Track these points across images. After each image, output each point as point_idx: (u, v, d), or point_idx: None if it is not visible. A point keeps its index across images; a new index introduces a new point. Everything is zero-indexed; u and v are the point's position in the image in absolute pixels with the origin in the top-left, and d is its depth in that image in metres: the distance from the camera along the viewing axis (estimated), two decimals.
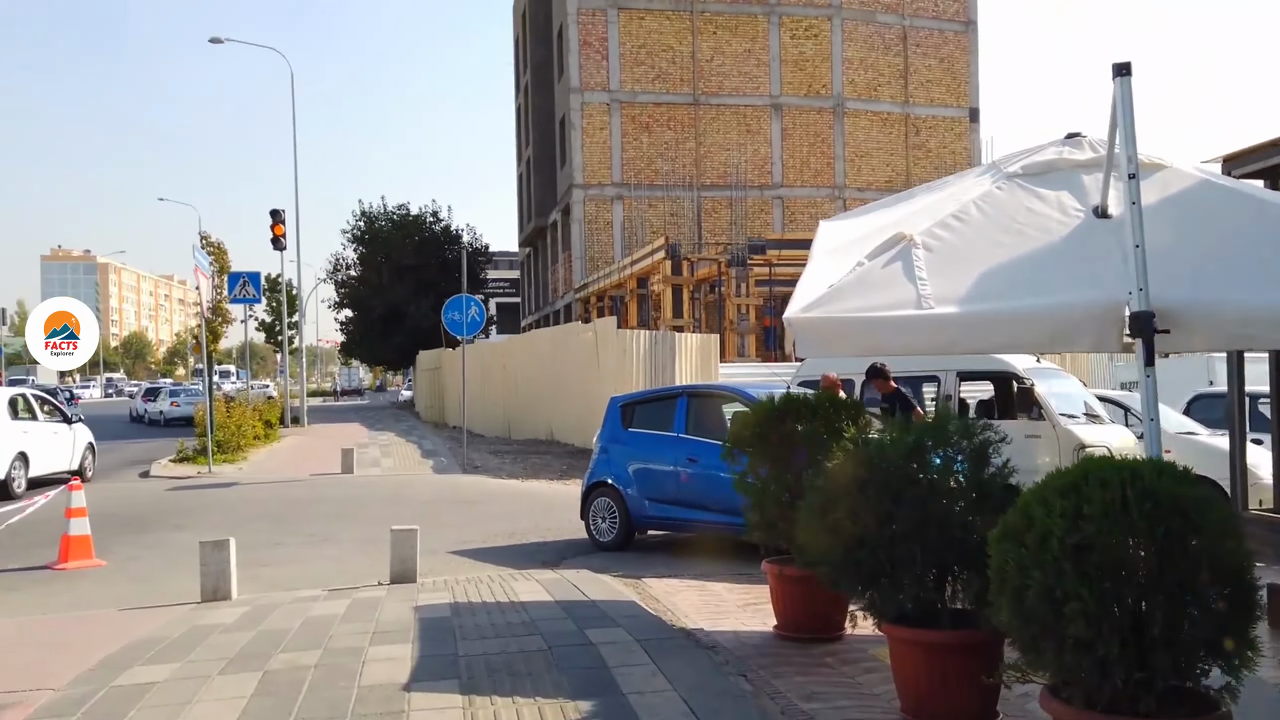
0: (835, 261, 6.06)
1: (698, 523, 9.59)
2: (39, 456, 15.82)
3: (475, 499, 14.51)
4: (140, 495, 15.28)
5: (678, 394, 10.13)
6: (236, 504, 13.93)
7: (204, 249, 19.44)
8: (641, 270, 27.84)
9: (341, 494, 15.04)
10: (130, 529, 11.69)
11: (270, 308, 41.79)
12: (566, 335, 21.96)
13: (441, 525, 11.86)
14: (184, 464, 19.08)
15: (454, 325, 18.08)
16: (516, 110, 56.03)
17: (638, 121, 39.88)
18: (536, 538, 11.13)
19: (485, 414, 27.24)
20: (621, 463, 10.26)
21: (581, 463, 19.51)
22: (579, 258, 39.32)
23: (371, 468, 18.69)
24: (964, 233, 5.61)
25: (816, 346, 5.27)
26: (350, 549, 10.33)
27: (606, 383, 19.26)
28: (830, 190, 41.52)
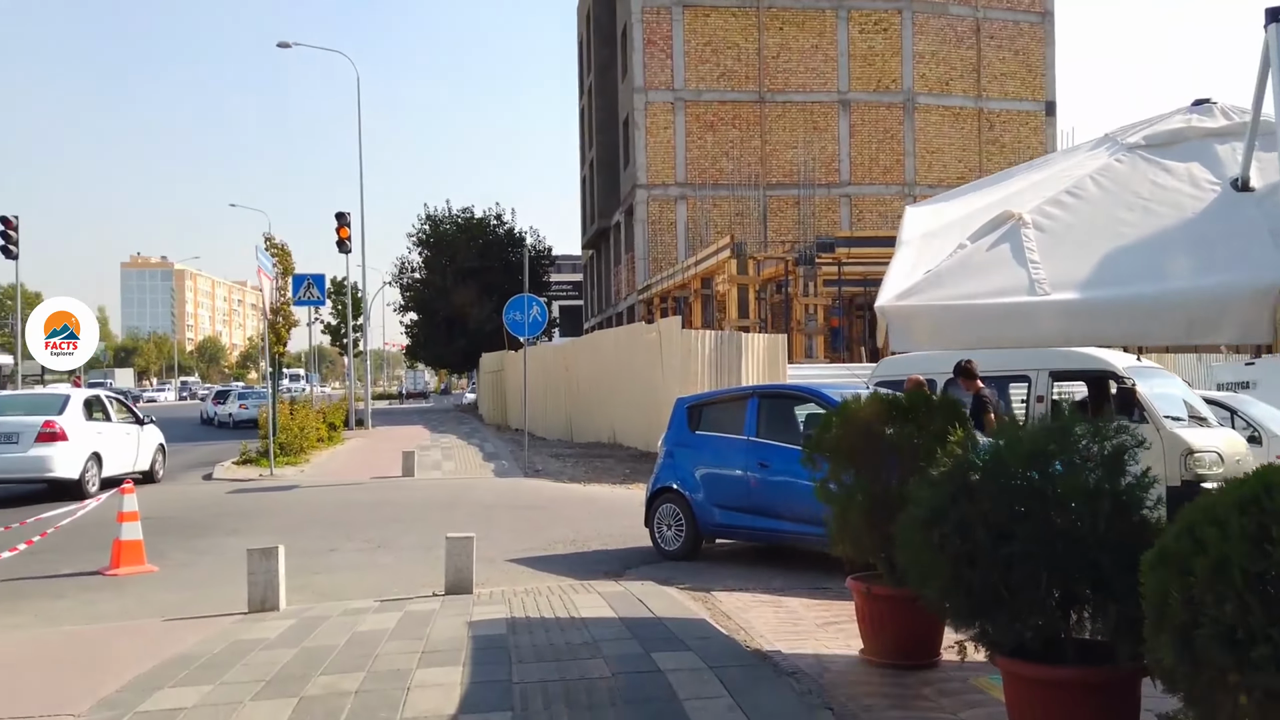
0: (930, 246, 5.44)
1: (770, 532, 9.00)
2: (112, 457, 15.83)
3: (536, 504, 14.08)
4: (201, 498, 15.16)
5: (748, 395, 9.54)
6: (294, 508, 13.69)
7: (267, 250, 19.36)
8: (706, 270, 27.25)
9: (401, 498, 14.73)
10: (187, 533, 11.48)
11: (335, 310, 42.07)
12: (630, 336, 21.48)
13: (501, 531, 11.44)
14: (246, 466, 19.01)
15: (515, 326, 17.71)
16: (580, 112, 55.85)
17: (702, 120, 39.31)
18: (599, 545, 10.63)
19: (547, 416, 26.90)
20: (688, 467, 9.71)
21: (644, 466, 19.00)
22: (642, 259, 38.87)
23: (432, 471, 18.40)
24: (1080, 210, 4.95)
25: (912, 338, 4.67)
26: (406, 556, 9.94)
27: (671, 384, 18.72)
28: (900, 188, 40.44)
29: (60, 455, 14.58)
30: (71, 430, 14.83)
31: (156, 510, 13.49)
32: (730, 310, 24.51)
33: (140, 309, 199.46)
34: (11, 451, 14.45)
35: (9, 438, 14.51)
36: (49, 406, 15.16)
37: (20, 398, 16.83)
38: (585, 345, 25.86)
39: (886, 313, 4.60)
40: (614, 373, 22.47)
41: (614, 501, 14.58)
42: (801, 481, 8.65)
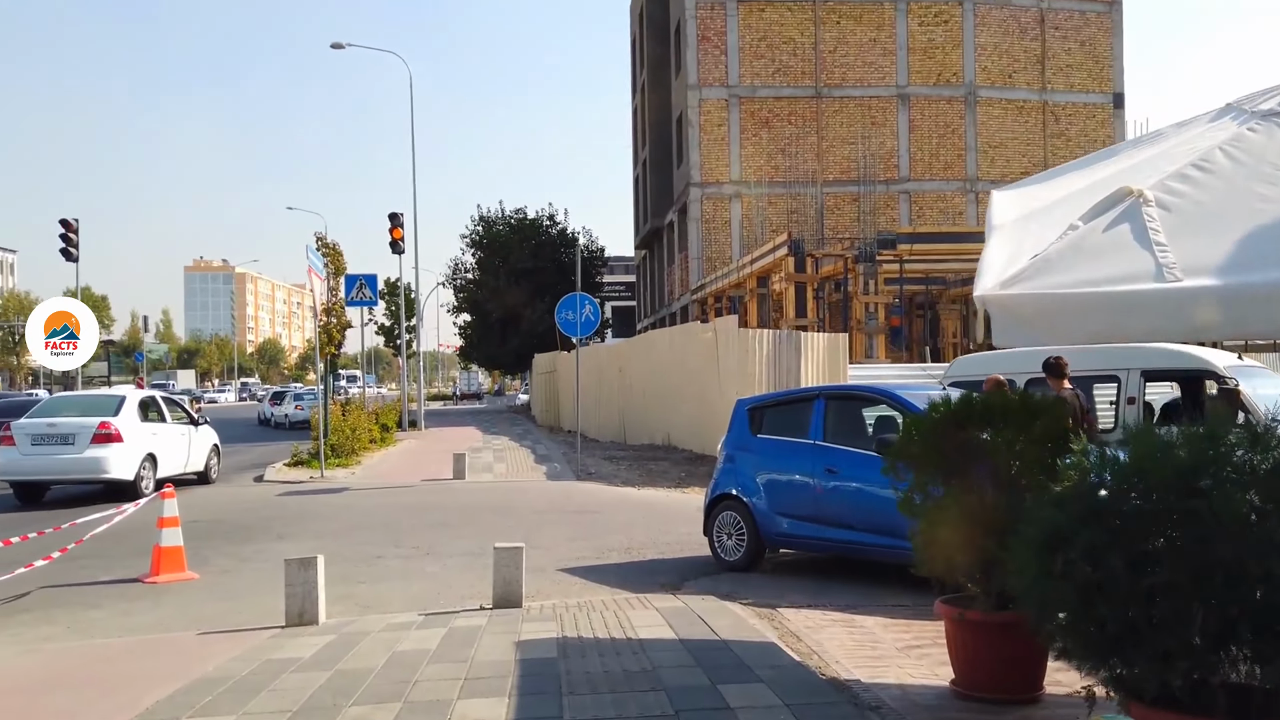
0: (1029, 230, 4.81)
1: (839, 543, 8.39)
2: (166, 458, 15.73)
3: (589, 508, 13.60)
4: (250, 500, 14.95)
5: (813, 396, 8.94)
6: (342, 512, 13.38)
7: (318, 251, 19.17)
8: (762, 268, 26.59)
9: (451, 502, 14.36)
10: (233, 538, 11.19)
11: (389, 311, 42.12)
12: (685, 336, 20.94)
13: (552, 538, 10.98)
14: (298, 468, 18.83)
15: (567, 325, 17.27)
16: (633, 111, 55.44)
17: (757, 117, 38.63)
18: (654, 554, 10.11)
19: (600, 418, 26.46)
20: (749, 473, 9.14)
21: (700, 470, 18.45)
22: (696, 258, 38.30)
23: (484, 473, 18.04)
24: (1211, 185, 4.31)
25: (1019, 331, 4.07)
26: (454, 565, 9.51)
27: (727, 385, 18.14)
28: (961, 183, 39.38)
29: (115, 456, 14.48)
30: (126, 431, 14.73)
31: (205, 513, 13.30)
32: (787, 309, 23.84)
33: (203, 312, 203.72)
34: (68, 453, 14.39)
35: (65, 439, 14.44)
36: (105, 408, 15.08)
37: (77, 399, 16.82)
38: (639, 345, 25.37)
39: (989, 303, 4.01)
40: (668, 373, 21.94)
41: (669, 507, 14.06)
42: (873, 489, 8.08)
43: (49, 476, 14.64)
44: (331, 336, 20.01)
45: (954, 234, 26.52)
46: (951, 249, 24.96)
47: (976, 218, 38.66)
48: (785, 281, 23.73)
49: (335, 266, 19.97)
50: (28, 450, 14.34)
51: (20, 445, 14.36)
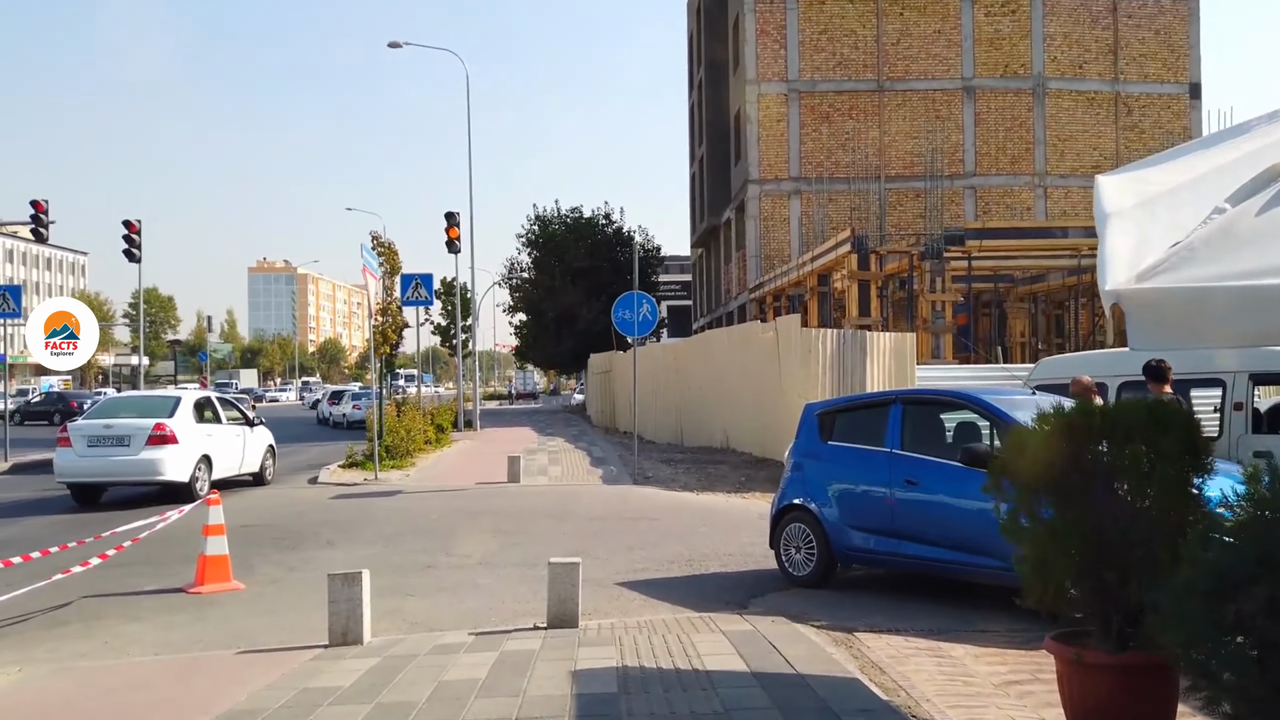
0: (1157, 215, 4.18)
1: (918, 560, 7.77)
2: (221, 459, 15.60)
3: (647, 514, 13.11)
4: (303, 503, 14.72)
5: (889, 401, 8.33)
6: (395, 516, 13.06)
7: (374, 250, 18.96)
8: (823, 266, 25.88)
9: (505, 506, 13.97)
10: (282, 545, 10.90)
11: (445, 311, 42.10)
12: (744, 335, 20.35)
13: (610, 546, 10.51)
14: (352, 469, 18.63)
15: (624, 324, 16.79)
16: (690, 109, 54.88)
17: (817, 112, 37.82)
18: (718, 565, 9.58)
19: (656, 419, 25.97)
20: (820, 483, 8.56)
21: (760, 474, 17.86)
22: (753, 256, 37.64)
23: (538, 476, 17.65)
24: None
25: (1165, 331, 3.47)
26: (508, 575, 9.08)
27: (789, 387, 17.53)
28: (1030, 178, 38.17)
29: (170, 458, 14.36)
30: (182, 433, 14.60)
31: (257, 517, 13.07)
32: (850, 308, 23.10)
33: (266, 312, 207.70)
34: (123, 454, 14.29)
35: (120, 440, 14.35)
36: (160, 409, 14.97)
37: (132, 400, 16.79)
38: (696, 345, 24.82)
39: (1126, 299, 3.43)
40: (726, 374, 21.37)
41: (730, 513, 13.52)
42: (957, 503, 7.46)
43: (104, 478, 14.56)
44: (387, 336, 19.79)
45: (1025, 229, 25.56)
46: (1021, 245, 24.01)
47: (1045, 213, 37.41)
48: (848, 279, 23.00)
49: (390, 265, 19.74)
50: (84, 452, 14.28)
51: (76, 447, 14.30)
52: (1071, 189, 38.27)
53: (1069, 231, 23.44)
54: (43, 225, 30.10)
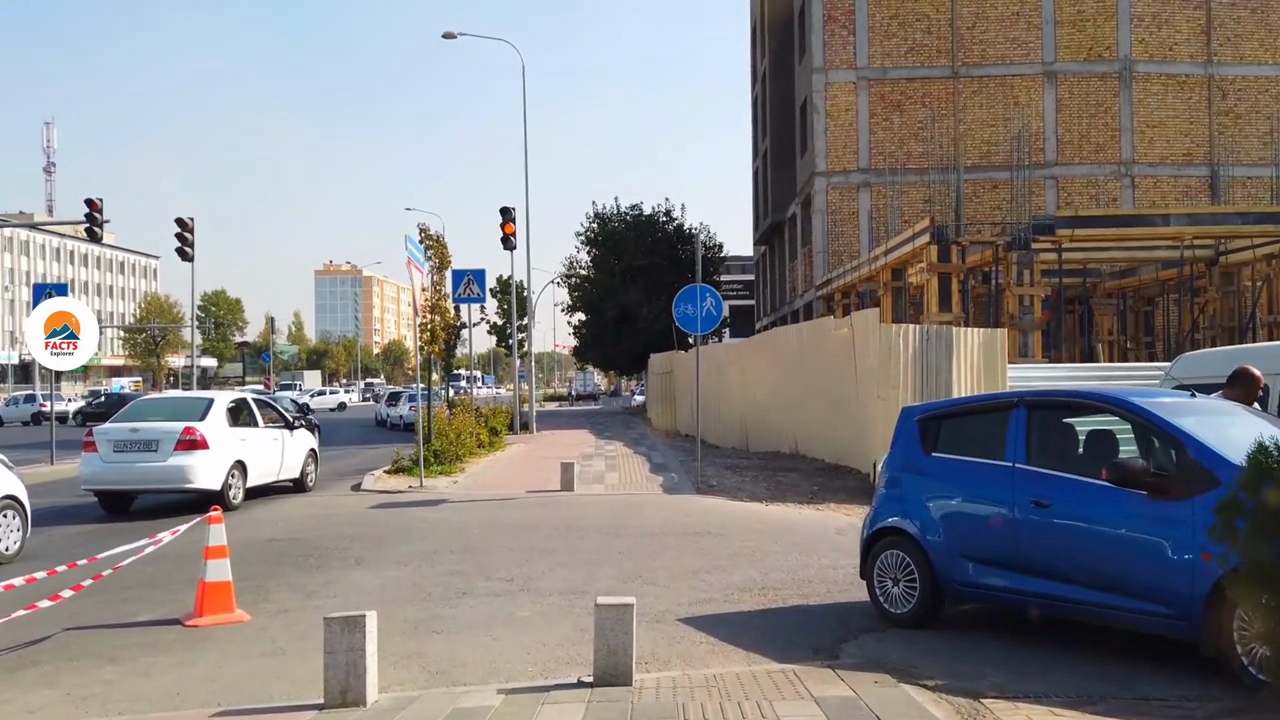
0: None
1: (1049, 599, 6.32)
2: (257, 465, 14.67)
3: (711, 529, 11.78)
4: (339, 513, 13.67)
5: (1010, 403, 6.86)
6: (435, 529, 11.91)
7: (421, 244, 17.91)
8: (898, 259, 24.28)
9: (556, 518, 12.75)
10: (305, 563, 9.80)
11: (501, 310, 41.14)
12: (816, 332, 18.88)
13: (670, 570, 9.21)
14: (398, 475, 17.61)
15: (686, 320, 15.49)
16: (752, 101, 53.37)
17: (887, 100, 36.11)
18: (796, 596, 8.22)
19: (720, 423, 24.60)
20: (923, 502, 7.15)
21: (834, 482, 16.40)
22: (820, 252, 36.05)
23: (594, 485, 16.41)
24: None
25: None
26: (552, 607, 7.83)
27: (866, 389, 16.06)
28: (1115, 167, 35.99)
29: (201, 464, 13.43)
30: (213, 437, 13.67)
31: (285, 529, 12.04)
32: (929, 303, 21.48)
33: (332, 314, 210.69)
34: (151, 460, 13.40)
35: (148, 445, 13.46)
36: (191, 411, 14.06)
37: (163, 402, 15.96)
38: (763, 344, 23.39)
39: None
40: (795, 375, 19.93)
41: (804, 529, 12.16)
42: (1102, 529, 6.02)
43: (131, 486, 13.68)
44: (435, 334, 18.74)
45: (1122, 217, 23.64)
46: (1118, 234, 22.13)
47: (1133, 203, 35.15)
48: (927, 272, 21.39)
49: (440, 260, 18.68)
50: (110, 458, 13.41)
51: (102, 452, 13.45)
52: (1161, 178, 36.01)
53: (1170, 219, 21.52)
54: (96, 224, 29.89)
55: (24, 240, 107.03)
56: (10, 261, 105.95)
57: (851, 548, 10.88)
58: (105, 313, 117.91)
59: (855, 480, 16.17)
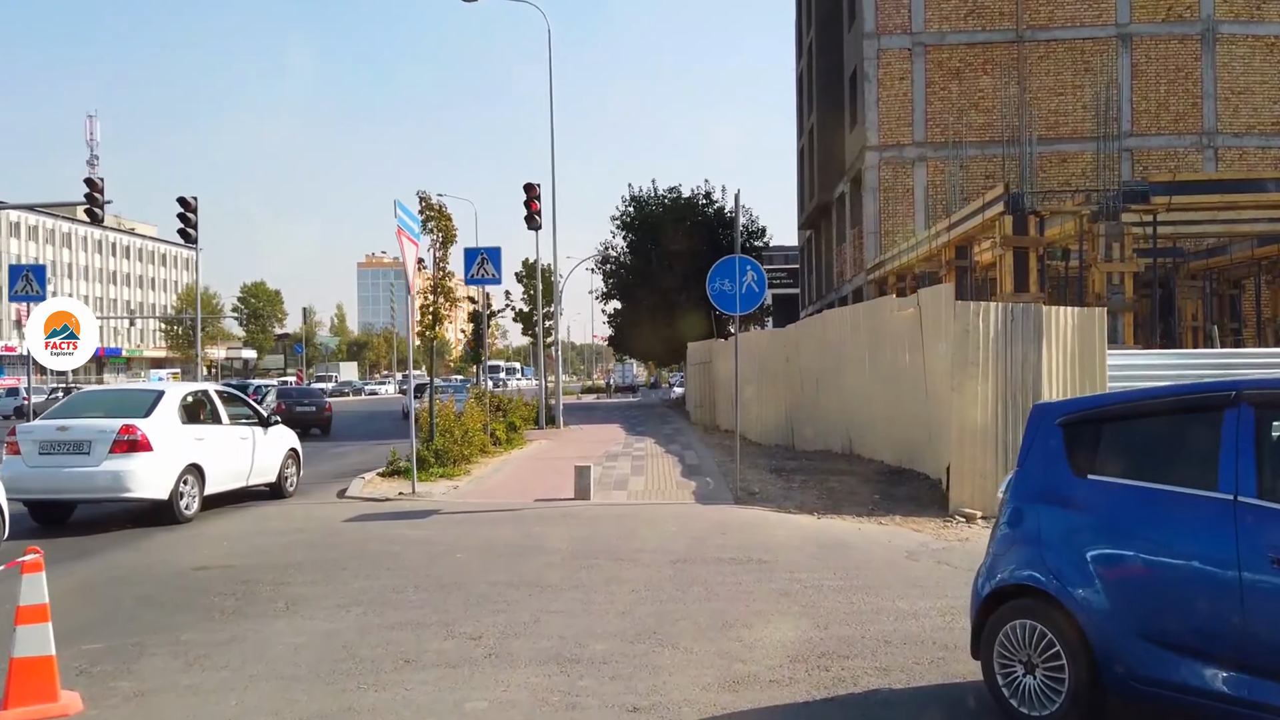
0: None
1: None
2: (219, 469, 12.50)
3: (752, 554, 9.38)
4: (304, 529, 11.43)
5: (1223, 399, 4.36)
6: (407, 554, 9.62)
7: (420, 213, 15.63)
8: (964, 235, 21.61)
9: (561, 537, 10.40)
10: (220, 606, 7.54)
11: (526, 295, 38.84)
12: (875, 314, 16.33)
13: (696, 620, 6.85)
14: (393, 479, 15.40)
15: (722, 298, 13.06)
16: (798, 77, 50.58)
17: (945, 67, 33.28)
18: (872, 671, 5.80)
19: (762, 417, 22.12)
20: (1074, 549, 4.68)
21: (898, 489, 13.91)
22: (872, 233, 33.34)
23: (615, 491, 14.05)
24: None
25: None
26: (524, 684, 5.48)
27: (936, 379, 13.54)
28: (1196, 138, 32.85)
29: (142, 470, 11.27)
30: (159, 437, 11.50)
31: (225, 552, 9.82)
32: (1003, 282, 18.81)
33: (374, 306, 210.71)
34: (82, 465, 11.24)
35: (79, 447, 11.30)
36: (134, 407, 11.90)
37: (105, 395, 13.91)
38: (811, 329, 20.84)
39: None
40: (850, 363, 17.41)
41: (867, 551, 9.74)
42: None
43: (58, 495, 11.47)
44: (439, 317, 16.46)
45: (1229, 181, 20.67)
46: (1222, 201, 19.24)
47: None
48: (1000, 247, 18.69)
49: (444, 234, 16.37)
50: (35, 461, 11.27)
51: (26, 454, 11.31)
52: (1248, 149, 32.80)
53: None
54: (97, 205, 28.12)
55: (65, 232, 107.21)
56: (53, 253, 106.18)
57: (931, 580, 8.45)
58: (146, 304, 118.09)
59: (923, 487, 13.68)
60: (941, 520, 11.95)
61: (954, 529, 11.59)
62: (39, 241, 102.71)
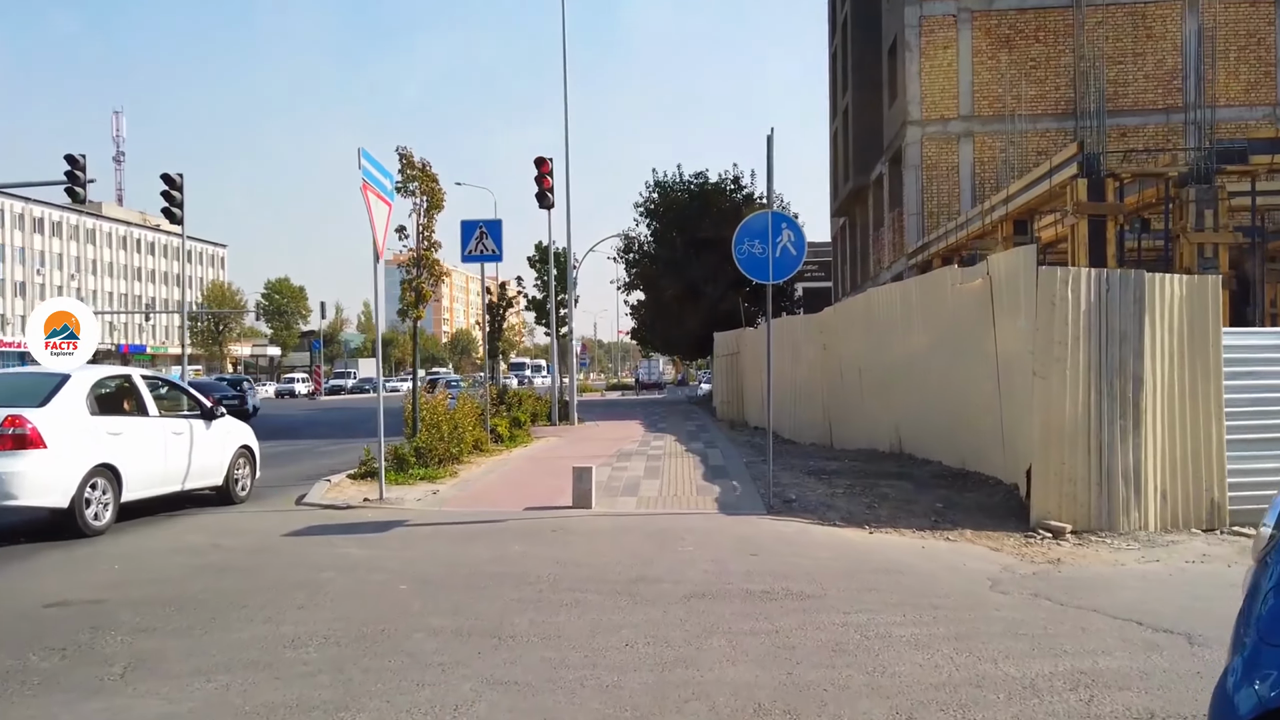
0: None
1: None
2: (142, 470, 10.35)
3: (790, 587, 7.07)
4: (227, 546, 9.19)
5: None
6: (338, 585, 7.37)
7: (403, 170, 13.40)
8: (1025, 206, 19.13)
9: (545, 559, 8.12)
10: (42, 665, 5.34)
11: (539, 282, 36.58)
12: (933, 289, 13.90)
13: (717, 697, 4.57)
14: (365, 481, 13.19)
15: (751, 264, 10.72)
16: (830, 57, 48.01)
17: (994, 35, 30.66)
18: None
19: (796, 411, 19.74)
20: None
21: (964, 496, 11.48)
22: (914, 214, 30.79)
23: (623, 497, 11.75)
24: None
25: None
26: None
27: (1013, 362, 11.15)
28: (1270, 109, 30.04)
29: (32, 471, 9.12)
30: (55, 431, 9.35)
31: (103, 582, 7.58)
32: (1077, 257, 16.31)
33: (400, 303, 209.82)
34: None
35: None
36: (29, 394, 9.76)
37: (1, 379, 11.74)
38: (853, 312, 18.40)
39: None
40: (900, 348, 15.03)
41: (941, 582, 7.43)
42: None
43: None
44: (422, 294, 14.23)
45: None
46: None
47: None
48: (1074, 215, 16.18)
49: (430, 197, 14.12)
50: None
51: None
52: None
53: None
54: (79, 184, 26.24)
55: (90, 229, 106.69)
56: (76, 250, 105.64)
57: (1034, 624, 6.08)
58: (173, 301, 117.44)
59: (995, 494, 11.30)
60: (1022, 536, 9.63)
61: (1040, 547, 9.28)
62: (62, 237, 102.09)
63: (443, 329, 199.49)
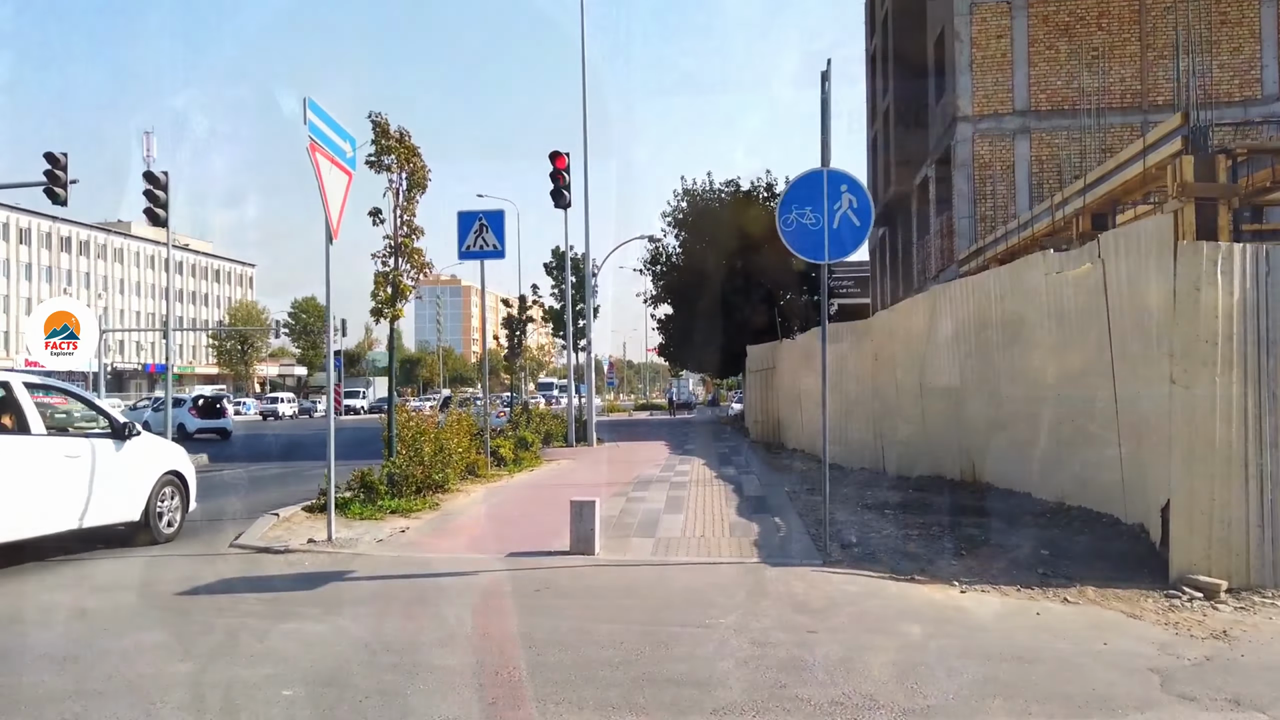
0: None
1: None
2: (26, 503, 8.02)
3: (879, 691, 4.57)
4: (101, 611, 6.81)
5: None
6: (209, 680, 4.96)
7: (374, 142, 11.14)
8: (1107, 196, 16.53)
9: (512, 642, 5.67)
10: None
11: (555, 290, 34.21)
12: (1019, 280, 11.31)
13: None
14: (322, 514, 10.79)
15: (802, 237, 8.23)
16: (869, 58, 45.53)
17: (1052, 23, 28.11)
18: None
19: (847, 431, 17.17)
20: None
21: (1075, 541, 8.56)
22: (965, 217, 28.16)
23: (636, 538, 9.26)
24: None
25: None
26: None
27: (1140, 365, 8.62)
28: None
29: None
30: None
31: None
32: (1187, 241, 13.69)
33: (432, 324, 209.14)
34: None
35: None
36: None
37: None
38: (913, 314, 15.81)
39: None
40: (975, 354, 12.49)
41: (1089, 679, 5.01)
42: None
43: None
44: (400, 289, 11.89)
45: None
46: None
47: None
48: (1180, 199, 13.57)
49: (409, 174, 11.81)
50: None
51: None
52: None
53: None
54: (60, 184, 24.28)
55: (117, 248, 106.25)
56: (104, 269, 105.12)
57: None
58: (200, 320, 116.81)
59: (1115, 538, 8.74)
60: (1162, 596, 7.11)
61: (1192, 613, 6.77)
62: (90, 256, 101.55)
63: (471, 349, 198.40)
